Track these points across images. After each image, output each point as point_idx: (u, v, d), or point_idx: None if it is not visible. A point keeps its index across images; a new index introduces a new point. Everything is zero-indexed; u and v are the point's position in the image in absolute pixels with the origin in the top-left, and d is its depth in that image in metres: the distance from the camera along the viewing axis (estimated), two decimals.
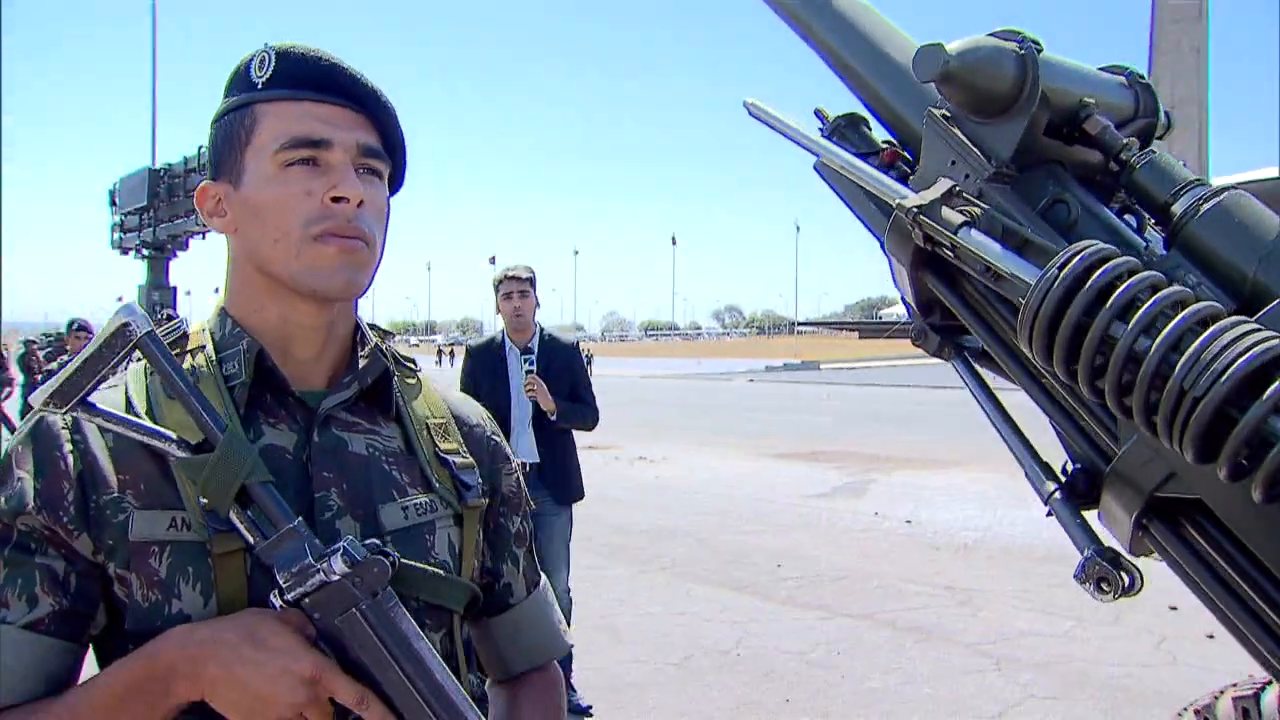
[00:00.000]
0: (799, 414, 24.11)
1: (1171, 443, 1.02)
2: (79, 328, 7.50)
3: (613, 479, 12.86)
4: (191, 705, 0.93)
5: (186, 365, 1.05)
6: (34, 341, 18.44)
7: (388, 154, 1.11)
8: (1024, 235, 1.32)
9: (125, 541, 0.97)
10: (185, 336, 1.10)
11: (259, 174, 1.05)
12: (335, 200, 1.03)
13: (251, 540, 0.95)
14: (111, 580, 0.99)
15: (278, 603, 0.94)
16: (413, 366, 1.23)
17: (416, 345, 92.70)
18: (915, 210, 1.48)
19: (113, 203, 9.82)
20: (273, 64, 1.06)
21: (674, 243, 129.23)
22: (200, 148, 8.22)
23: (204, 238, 8.36)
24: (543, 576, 1.33)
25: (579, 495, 4.90)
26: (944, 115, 1.64)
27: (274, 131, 1.04)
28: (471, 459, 1.20)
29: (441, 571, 1.10)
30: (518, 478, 1.29)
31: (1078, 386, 1.12)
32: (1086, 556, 1.22)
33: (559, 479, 4.73)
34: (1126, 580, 1.18)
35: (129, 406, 1.02)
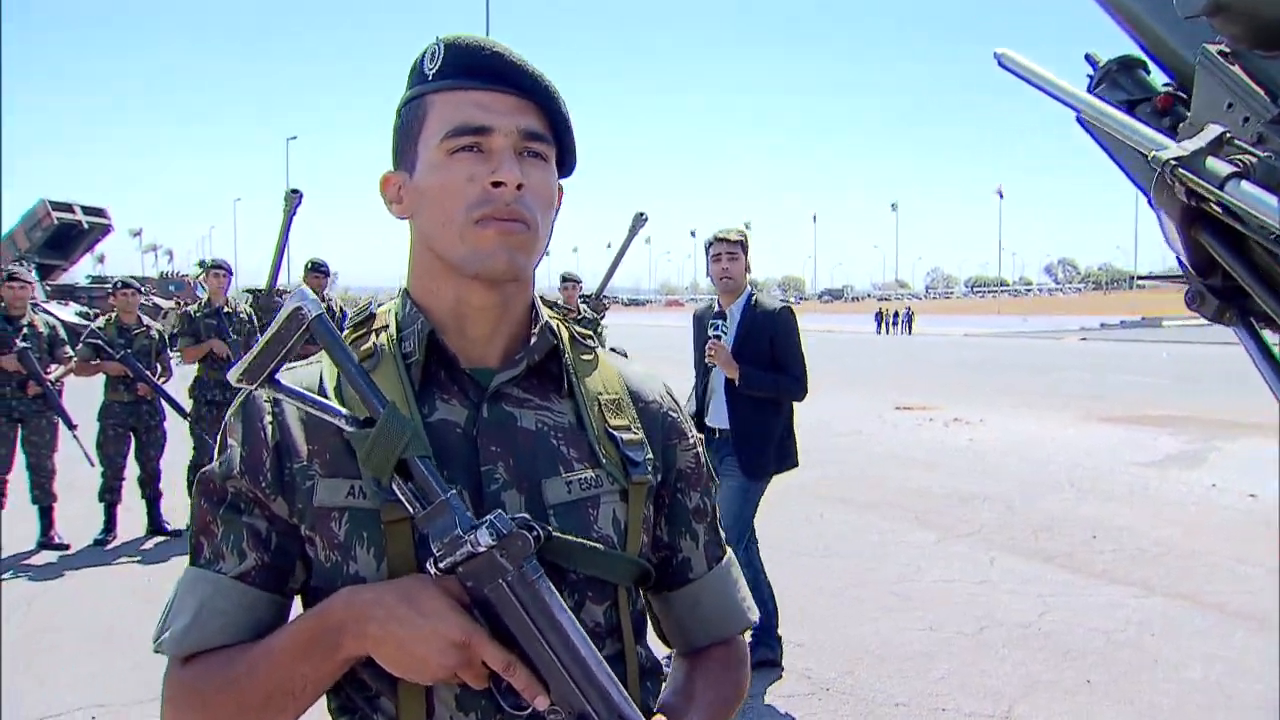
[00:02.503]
0: (1133, 374, 22.37)
1: None
2: (216, 266, 7.75)
3: (921, 441, 12.53)
4: (367, 660, 1.02)
5: (369, 345, 1.13)
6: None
7: (553, 137, 1.14)
8: None
9: (311, 506, 1.06)
10: (372, 317, 1.19)
11: (428, 162, 1.11)
12: (495, 185, 1.07)
13: (411, 510, 1.01)
14: (304, 540, 1.09)
15: (433, 570, 0.99)
16: (590, 344, 1.26)
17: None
18: (1173, 162, 1.34)
19: None
20: (441, 56, 1.11)
21: (1000, 195, 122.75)
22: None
23: None
24: (727, 551, 1.33)
25: (773, 468, 4.60)
26: (1220, 52, 1.46)
27: (440, 120, 1.10)
28: (642, 435, 1.22)
29: (602, 546, 1.12)
30: (697, 453, 1.29)
31: None
32: None
33: (747, 448, 4.50)
34: None
35: (321, 384, 1.11)
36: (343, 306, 8.24)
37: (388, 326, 1.16)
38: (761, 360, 4.48)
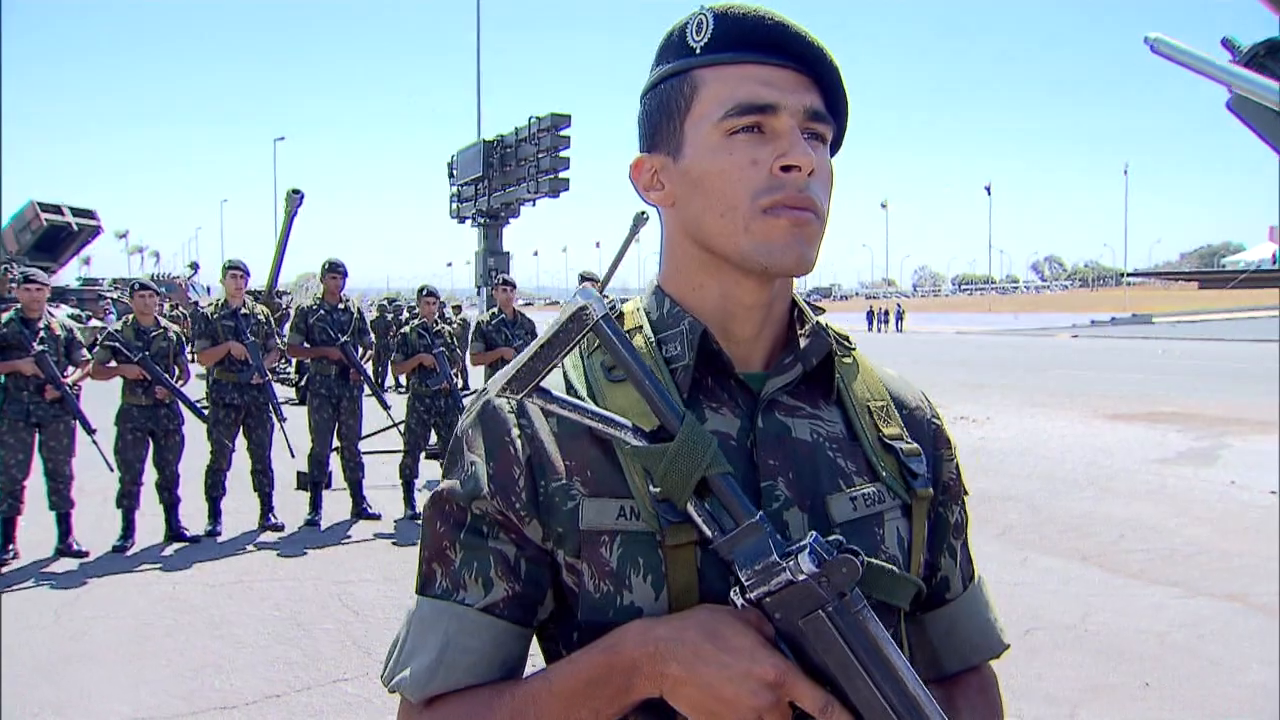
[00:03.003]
0: (1131, 371, 22.37)
1: None
2: (428, 294, 8.02)
3: None
4: (645, 702, 0.91)
5: None
6: (385, 305, 20.27)
7: (832, 116, 1.02)
8: None
9: (575, 529, 0.95)
10: (620, 316, 1.07)
11: (701, 144, 0.99)
12: (785, 169, 0.95)
13: (709, 534, 0.90)
14: (560, 567, 0.98)
15: (739, 600, 0.88)
16: (849, 344, 1.14)
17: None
18: None
19: (451, 174, 10.60)
20: (711, 26, 0.99)
21: (988, 192, 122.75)
22: (531, 117, 8.63)
23: (534, 205, 8.81)
24: (977, 570, 1.23)
25: None
26: None
27: (717, 98, 0.98)
28: (917, 445, 1.11)
29: (893, 568, 1.01)
30: (957, 464, 1.19)
31: None
32: None
33: None
34: None
35: (569, 390, 1.00)
36: (360, 307, 8.12)
37: (641, 328, 1.04)
38: None
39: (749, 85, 0.97)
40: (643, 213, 17.59)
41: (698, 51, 1.00)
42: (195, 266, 35.10)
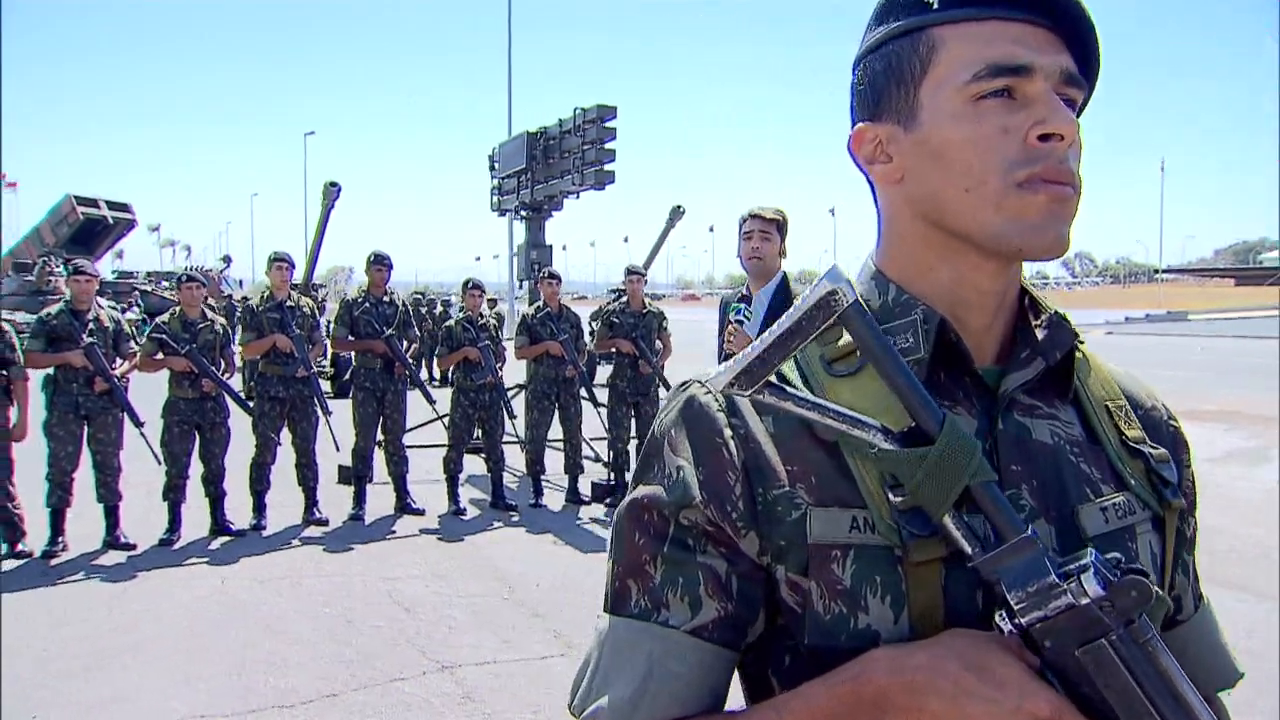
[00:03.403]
0: (1171, 369, 22.01)
1: None
2: (473, 286, 7.97)
3: None
4: None
5: (845, 339, 0.88)
6: (419, 299, 20.29)
7: (1084, 79, 0.89)
8: None
9: (802, 543, 0.84)
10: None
11: (942, 110, 0.86)
12: (1043, 138, 0.84)
13: (968, 550, 0.79)
14: (777, 584, 0.87)
15: (1006, 626, 0.77)
16: (1082, 338, 1.00)
17: None
18: None
19: (492, 167, 10.46)
20: None
21: None
22: (576, 109, 8.52)
23: (577, 197, 8.65)
24: (1202, 588, 1.11)
25: None
26: None
27: (961, 59, 0.85)
28: (1165, 450, 0.99)
29: (1157, 589, 0.90)
30: (1194, 470, 1.08)
31: None
32: None
33: None
34: None
35: (781, 381, 0.85)
36: (404, 300, 8.06)
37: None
38: None
39: (1000, 44, 0.84)
40: (679, 206, 17.45)
41: (934, 6, 0.87)
42: (228, 260, 35.24)
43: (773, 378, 0.81)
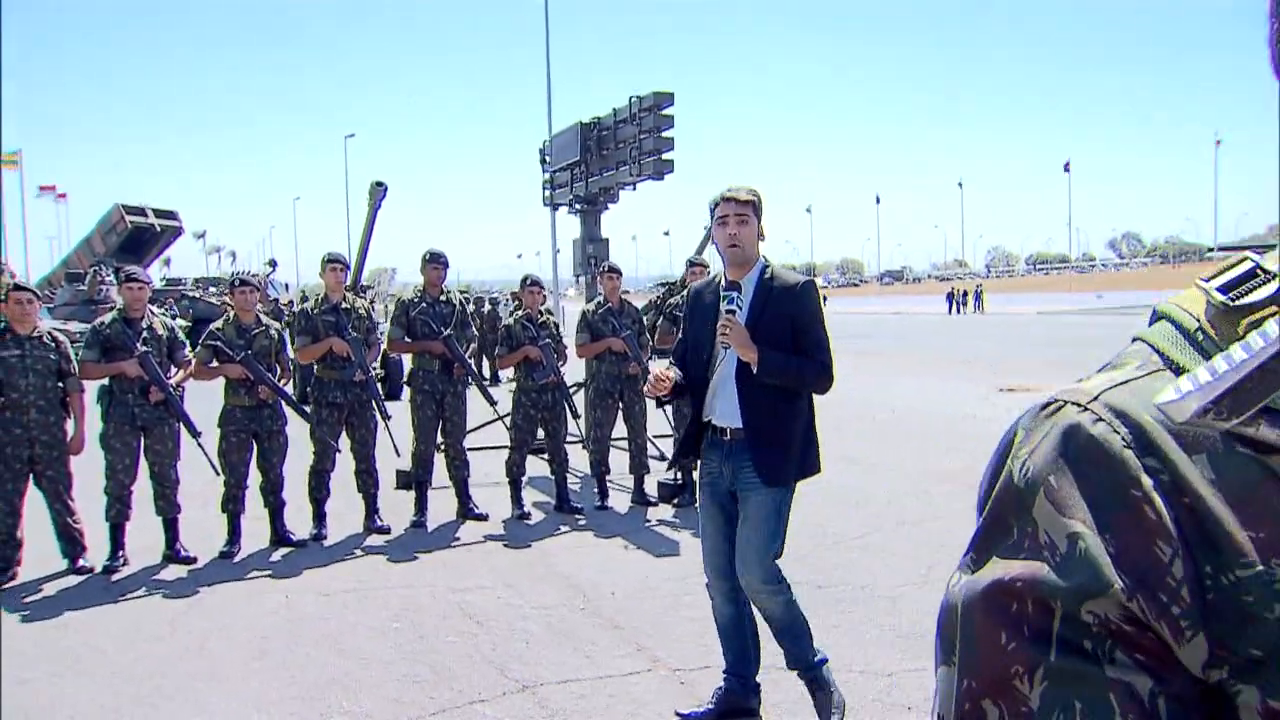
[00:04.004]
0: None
1: None
2: (532, 283, 7.71)
3: None
4: None
5: None
6: (480, 298, 20.12)
7: None
8: None
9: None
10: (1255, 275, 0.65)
11: None
12: None
13: None
14: (1235, 715, 0.58)
15: None
16: None
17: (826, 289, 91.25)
18: None
19: (543, 161, 10.31)
20: None
21: (1067, 169, 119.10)
22: (632, 97, 8.25)
23: (634, 189, 8.43)
24: None
25: (798, 473, 3.81)
26: None
27: None
28: None
29: None
30: None
31: None
32: None
33: (768, 451, 3.70)
34: None
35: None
36: (461, 299, 7.83)
37: None
38: (779, 342, 3.70)
39: None
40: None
41: None
42: (274, 264, 35.39)
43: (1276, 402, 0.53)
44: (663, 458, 8.64)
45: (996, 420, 12.47)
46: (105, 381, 6.34)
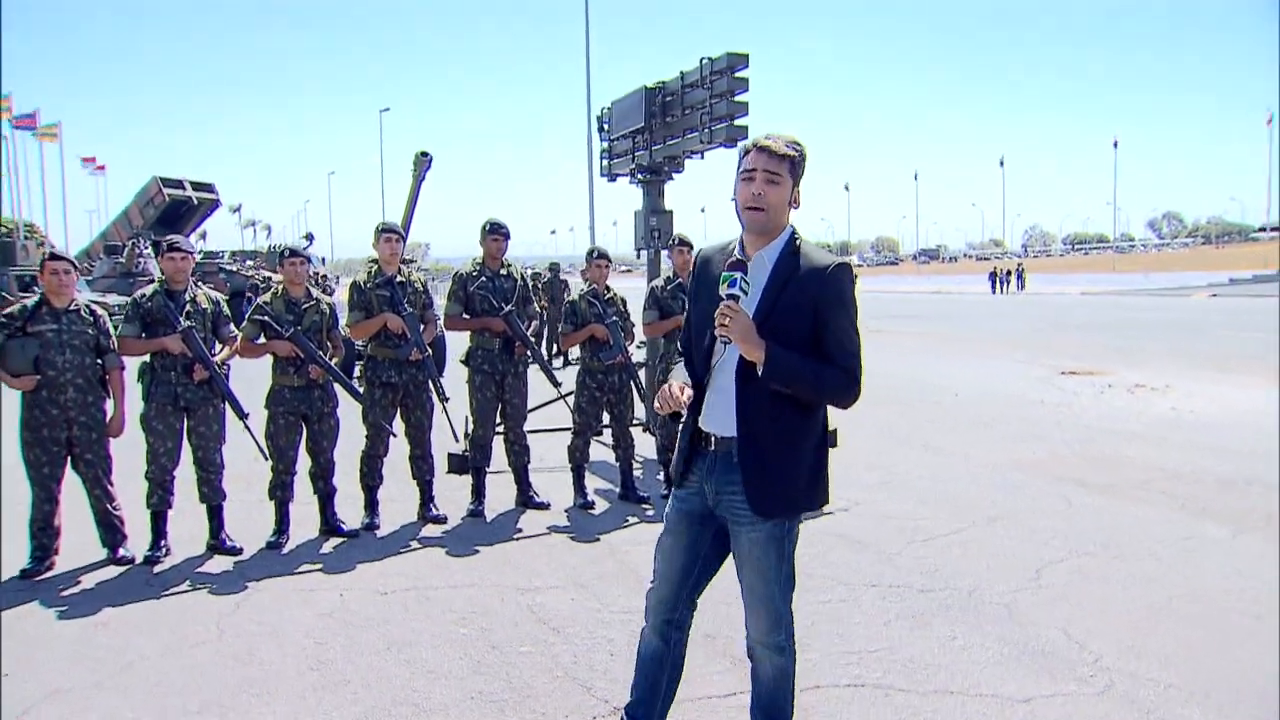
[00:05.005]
0: None
1: None
2: (599, 256, 7.17)
3: (1118, 411, 11.32)
4: None
5: None
6: (539, 275, 19.62)
7: None
8: None
9: None
10: None
11: None
12: None
13: None
14: None
15: None
16: None
17: None
18: None
19: (602, 130, 9.78)
20: None
21: (1115, 146, 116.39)
22: (703, 59, 7.65)
23: (702, 157, 7.87)
24: None
25: (802, 505, 3.02)
26: None
27: None
28: None
29: None
30: None
31: None
32: None
33: (761, 471, 2.91)
34: None
35: None
36: (524, 273, 7.33)
37: None
38: (796, 338, 2.87)
39: None
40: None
41: None
42: (310, 237, 35.05)
43: None
44: None
45: (1067, 406, 11.91)
46: (146, 358, 5.90)
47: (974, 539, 6.15)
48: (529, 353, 6.89)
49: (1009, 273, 55.85)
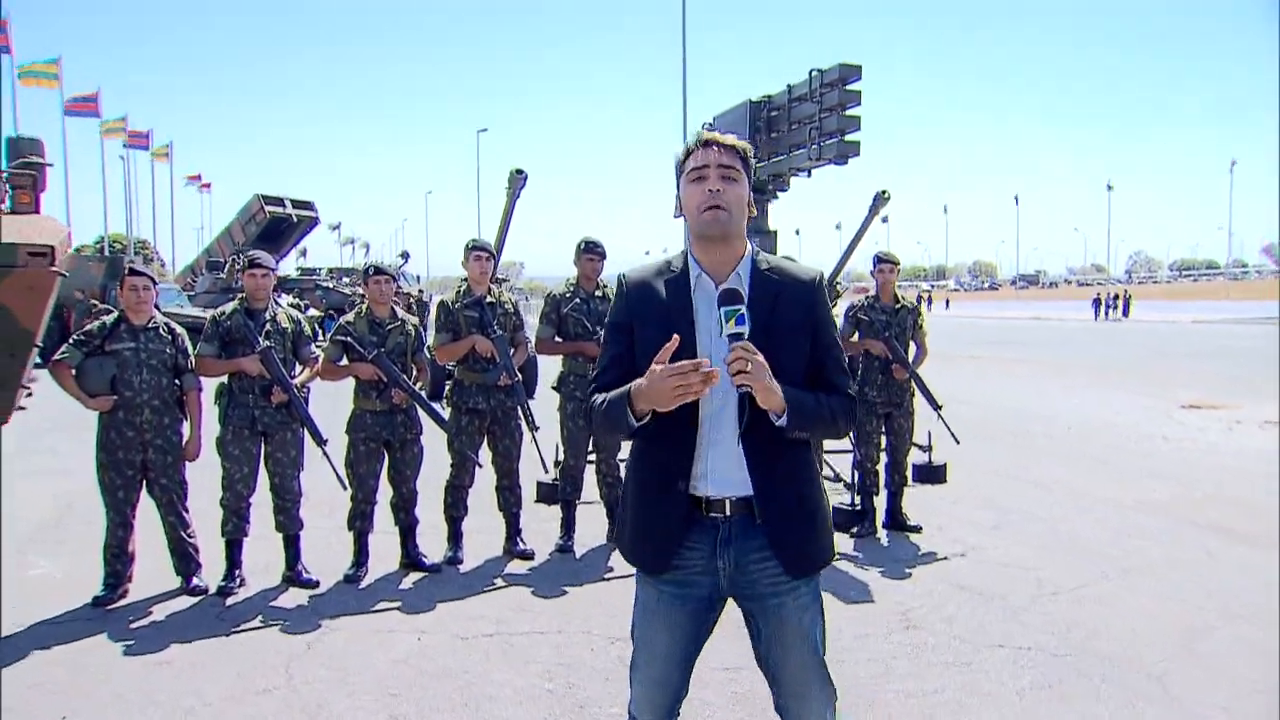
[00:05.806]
0: None
1: None
2: (589, 247, 6.65)
3: (1251, 451, 10.46)
4: None
5: None
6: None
7: None
8: None
9: None
10: None
11: None
12: None
13: None
14: None
15: None
16: None
17: (929, 292, 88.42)
18: None
19: None
20: None
21: (1231, 167, 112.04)
22: (813, 70, 7.23)
23: (809, 174, 7.47)
24: None
25: (831, 552, 2.64)
26: None
27: None
28: None
29: None
30: None
31: None
32: None
33: (792, 527, 2.51)
34: None
35: None
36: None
37: None
38: (796, 367, 2.48)
39: None
40: (884, 191, 15.96)
41: None
42: (406, 255, 35.34)
43: None
44: (837, 478, 7.63)
45: (1191, 441, 11.11)
46: (224, 380, 5.65)
47: (1108, 593, 5.55)
48: None
49: (1116, 297, 53.93)
